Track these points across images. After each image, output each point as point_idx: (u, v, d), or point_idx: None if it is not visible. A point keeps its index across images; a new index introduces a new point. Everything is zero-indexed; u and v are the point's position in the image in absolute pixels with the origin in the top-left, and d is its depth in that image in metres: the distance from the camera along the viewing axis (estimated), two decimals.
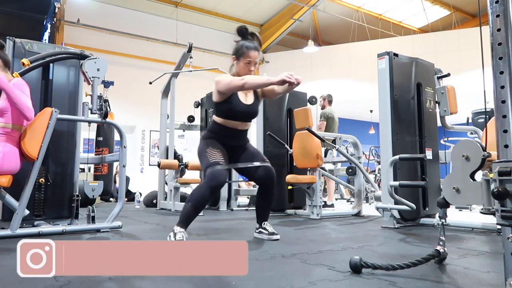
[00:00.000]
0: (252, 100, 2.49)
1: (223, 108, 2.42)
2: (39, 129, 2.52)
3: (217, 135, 2.45)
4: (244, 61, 2.44)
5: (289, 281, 1.39)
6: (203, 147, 2.39)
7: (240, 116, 2.44)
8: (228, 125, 2.43)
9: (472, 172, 1.38)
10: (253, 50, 2.44)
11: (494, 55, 1.18)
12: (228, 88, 2.32)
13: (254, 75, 2.40)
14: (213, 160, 2.28)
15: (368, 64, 8.27)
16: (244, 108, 2.43)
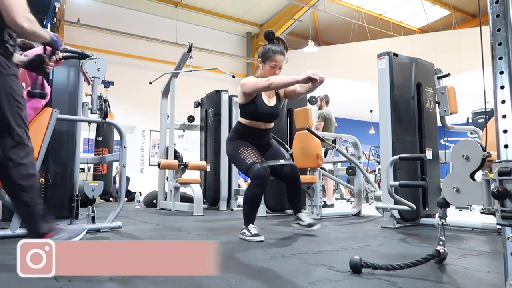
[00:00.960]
0: (275, 101, 2.63)
1: (248, 109, 2.55)
2: (39, 129, 2.52)
3: (242, 135, 2.58)
4: (269, 65, 2.55)
5: (289, 281, 1.39)
6: (234, 149, 2.54)
7: (264, 117, 2.57)
8: (252, 125, 2.57)
9: (472, 172, 1.38)
10: (279, 54, 2.56)
11: (494, 55, 1.18)
12: (254, 89, 2.43)
13: (279, 76, 2.51)
14: (251, 160, 2.44)
15: (368, 64, 8.28)
16: (268, 109, 2.56)
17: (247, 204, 2.47)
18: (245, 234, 2.39)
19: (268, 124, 2.63)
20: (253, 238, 2.34)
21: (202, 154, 5.82)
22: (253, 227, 2.41)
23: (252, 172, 2.40)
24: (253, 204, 2.47)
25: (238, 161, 2.53)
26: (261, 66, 2.60)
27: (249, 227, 2.41)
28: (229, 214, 4.49)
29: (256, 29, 12.28)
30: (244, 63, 12.45)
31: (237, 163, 2.57)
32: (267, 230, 2.98)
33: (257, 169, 2.39)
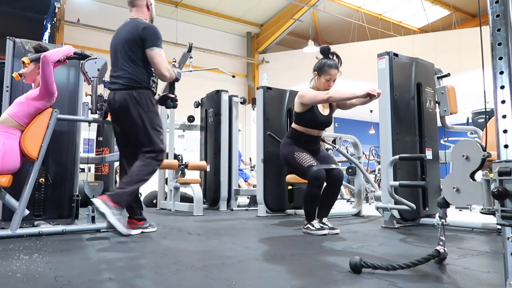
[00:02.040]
0: (329, 111, 2.89)
1: (305, 118, 2.80)
2: (39, 129, 2.52)
3: (297, 141, 2.84)
4: (325, 78, 2.77)
5: (289, 281, 1.39)
6: (290, 154, 2.79)
7: (318, 125, 2.83)
8: (307, 132, 2.83)
9: (472, 172, 1.38)
10: (333, 69, 2.77)
11: (494, 55, 1.18)
12: (313, 102, 2.70)
13: (338, 89, 2.69)
14: (308, 163, 2.68)
15: (368, 64, 8.27)
16: (323, 118, 2.82)
17: (308, 203, 2.71)
18: (310, 229, 2.65)
19: (320, 132, 2.88)
20: (318, 232, 2.61)
21: (202, 154, 5.82)
22: (316, 222, 2.68)
23: (310, 174, 2.63)
24: (313, 203, 2.71)
25: (294, 165, 2.77)
26: (316, 79, 2.82)
27: (313, 223, 2.68)
28: (229, 214, 4.49)
29: (256, 29, 12.28)
30: (244, 63, 12.44)
31: (292, 167, 2.81)
32: (267, 230, 2.98)
33: (315, 171, 2.62)
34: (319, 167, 2.68)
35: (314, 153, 2.86)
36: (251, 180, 6.97)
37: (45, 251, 2.00)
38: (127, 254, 1.93)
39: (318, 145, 2.94)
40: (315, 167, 2.66)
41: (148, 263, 1.70)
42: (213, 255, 1.90)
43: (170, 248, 2.10)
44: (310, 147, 2.85)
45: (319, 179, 2.64)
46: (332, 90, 2.71)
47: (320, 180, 2.64)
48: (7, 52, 2.90)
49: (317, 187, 2.66)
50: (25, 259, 1.81)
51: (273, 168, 4.42)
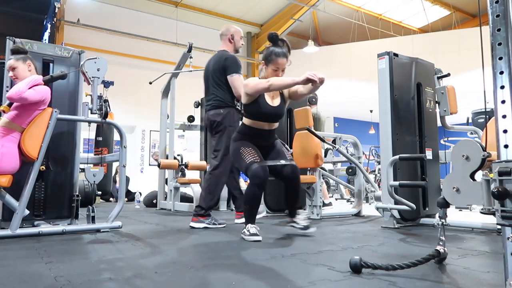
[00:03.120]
0: (279, 102, 2.65)
1: (251, 109, 2.58)
2: (39, 129, 2.52)
3: (246, 136, 2.62)
4: (272, 67, 2.57)
5: (289, 281, 1.39)
6: (236, 149, 2.58)
7: (267, 117, 2.59)
8: (255, 126, 2.60)
9: (472, 172, 1.38)
10: (281, 57, 2.57)
11: (494, 55, 1.17)
12: (255, 90, 2.46)
13: (279, 77, 2.53)
14: (250, 160, 2.48)
15: (368, 64, 8.29)
16: (271, 109, 2.58)
17: (246, 204, 2.49)
18: (245, 234, 2.42)
19: (272, 125, 2.65)
20: (250, 237, 2.37)
21: (202, 154, 5.82)
22: (252, 227, 2.44)
23: (250, 171, 2.43)
24: (252, 204, 2.48)
25: (238, 161, 2.56)
26: (264, 69, 2.62)
27: (248, 227, 2.44)
28: (229, 214, 4.49)
29: (256, 29, 12.28)
30: (244, 63, 12.44)
31: (237, 163, 2.60)
32: (267, 230, 2.98)
33: (255, 169, 2.42)
34: (262, 163, 2.48)
35: (268, 149, 2.68)
36: None
37: (45, 251, 2.00)
38: (127, 254, 1.93)
39: (271, 140, 2.72)
40: (256, 163, 2.45)
41: (148, 263, 1.70)
42: (213, 255, 1.90)
43: (170, 248, 2.10)
44: (261, 142, 2.65)
45: (258, 177, 2.41)
46: (273, 78, 2.47)
47: (260, 178, 2.41)
48: (7, 52, 2.90)
49: (256, 186, 2.43)
50: (25, 259, 1.80)
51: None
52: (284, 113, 2.70)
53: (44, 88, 2.59)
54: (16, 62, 2.66)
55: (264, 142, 2.67)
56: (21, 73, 2.66)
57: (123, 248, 2.13)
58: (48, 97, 2.61)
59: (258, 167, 2.43)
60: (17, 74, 2.66)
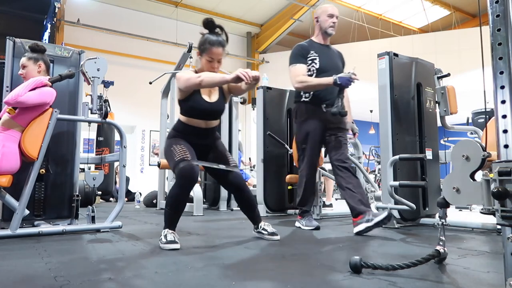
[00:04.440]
0: (217, 97, 2.39)
1: (185, 106, 2.33)
2: (39, 129, 2.52)
3: (182, 134, 2.36)
4: (206, 58, 2.32)
5: (289, 281, 1.39)
6: (168, 147, 2.31)
7: (203, 114, 2.34)
8: (191, 123, 2.35)
9: (472, 172, 1.38)
10: (216, 46, 2.30)
11: (494, 55, 1.17)
12: (186, 86, 2.22)
13: (210, 73, 2.27)
14: (179, 157, 2.19)
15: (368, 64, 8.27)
16: (207, 106, 2.33)
17: (167, 206, 2.20)
18: (161, 241, 2.11)
19: (209, 123, 2.38)
20: (166, 245, 2.06)
21: None
22: (170, 233, 2.13)
23: (177, 170, 2.16)
24: (173, 207, 2.19)
25: (169, 160, 2.28)
26: (199, 59, 2.36)
27: (165, 232, 2.14)
28: (229, 214, 4.49)
29: (256, 29, 12.28)
30: (244, 63, 12.45)
31: (169, 162, 2.30)
32: None
33: (182, 167, 2.14)
34: (193, 162, 2.18)
35: (207, 149, 2.43)
36: (251, 180, 6.97)
37: (45, 251, 2.00)
38: (127, 254, 1.93)
39: (210, 139, 2.44)
40: (186, 162, 2.16)
41: (148, 263, 1.70)
42: (213, 255, 1.90)
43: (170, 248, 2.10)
44: (198, 141, 2.37)
45: (185, 178, 2.14)
46: (204, 73, 2.22)
47: (187, 179, 2.14)
48: (7, 52, 2.90)
49: (180, 187, 2.16)
50: (25, 259, 1.81)
51: (273, 168, 4.42)
52: (224, 109, 2.44)
53: (49, 91, 2.58)
54: (28, 61, 2.68)
55: (202, 141, 2.40)
56: (29, 73, 2.66)
57: (123, 248, 2.13)
58: (52, 100, 2.60)
59: (186, 166, 2.14)
60: (26, 74, 2.66)
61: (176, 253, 1.96)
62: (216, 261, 1.75)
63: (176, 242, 2.08)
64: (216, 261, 1.74)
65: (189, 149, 2.28)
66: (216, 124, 2.44)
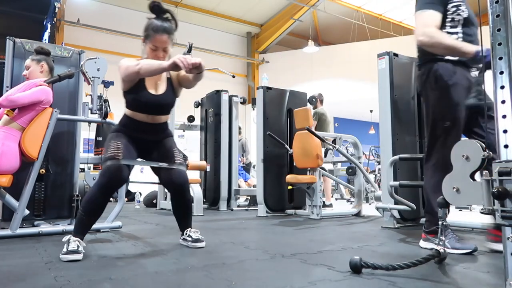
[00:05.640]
0: (164, 89, 2.16)
1: (129, 98, 2.11)
2: (39, 129, 2.52)
3: (126, 129, 2.14)
4: (150, 46, 2.07)
5: (289, 281, 1.39)
6: (108, 142, 2.10)
7: (148, 108, 2.11)
8: (136, 117, 2.12)
9: (472, 172, 1.38)
10: (160, 33, 2.05)
11: (494, 55, 1.17)
12: (126, 75, 1.99)
13: (149, 60, 2.00)
14: (109, 154, 1.97)
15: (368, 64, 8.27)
16: (152, 99, 2.10)
17: (82, 209, 1.92)
18: (62, 251, 1.80)
19: (157, 117, 2.16)
20: (65, 256, 1.76)
21: (202, 154, 5.82)
22: (74, 240, 1.85)
23: (103, 167, 1.94)
24: (88, 211, 1.92)
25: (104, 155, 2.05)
26: (144, 47, 2.12)
27: (69, 239, 1.85)
28: (229, 214, 4.49)
29: (256, 29, 12.28)
30: (244, 63, 12.45)
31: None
32: (267, 230, 2.98)
33: (107, 166, 1.91)
34: (122, 162, 1.94)
35: (152, 147, 2.19)
36: (251, 180, 6.97)
37: (45, 251, 2.00)
38: (127, 254, 1.93)
39: (158, 136, 2.20)
40: (115, 160, 1.92)
41: (148, 263, 1.70)
42: (213, 255, 1.90)
43: (170, 248, 2.10)
44: (144, 138, 2.16)
45: (107, 177, 1.90)
46: (143, 61, 1.98)
47: (110, 179, 1.90)
48: (7, 52, 2.90)
49: (101, 188, 1.91)
50: (25, 259, 1.80)
51: (273, 168, 4.42)
52: (173, 103, 2.20)
53: (41, 88, 2.57)
54: (31, 62, 2.70)
55: (148, 137, 2.17)
56: (32, 74, 2.68)
57: (123, 248, 2.13)
58: (47, 97, 2.60)
59: (114, 165, 1.91)
60: (29, 74, 2.68)
61: (176, 253, 1.96)
62: (216, 261, 1.75)
63: (79, 252, 1.79)
64: (216, 261, 1.74)
65: (126, 148, 2.05)
66: (165, 120, 2.22)
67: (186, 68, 1.84)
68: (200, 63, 1.86)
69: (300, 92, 4.91)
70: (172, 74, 2.23)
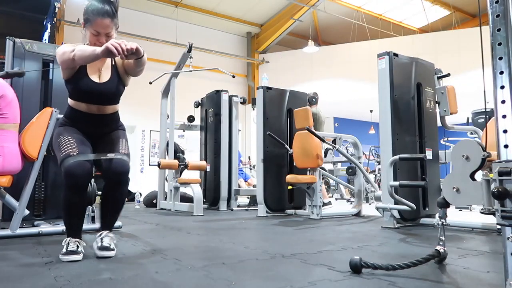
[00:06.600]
0: (109, 77, 2.00)
1: (70, 87, 1.97)
2: (39, 129, 2.52)
3: (71, 121, 2.02)
4: (91, 31, 1.90)
5: (289, 281, 1.39)
6: (56, 138, 1.98)
7: (91, 97, 1.96)
8: (80, 108, 1.99)
9: (472, 172, 1.38)
10: (101, 17, 1.87)
11: (494, 55, 1.18)
12: (62, 61, 1.86)
13: (84, 46, 1.85)
14: (64, 152, 1.86)
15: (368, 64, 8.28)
16: (94, 87, 1.95)
17: (63, 212, 1.91)
18: (61, 251, 1.81)
19: (103, 108, 2.01)
20: (65, 257, 1.76)
21: (202, 154, 5.82)
22: (73, 241, 1.84)
23: (63, 168, 1.84)
24: (67, 212, 1.89)
25: (56, 154, 1.94)
26: (85, 32, 1.95)
27: (68, 241, 1.85)
28: (229, 214, 4.49)
29: (256, 29, 12.28)
30: (244, 63, 12.44)
31: (56, 156, 1.95)
32: (267, 230, 2.98)
33: (68, 165, 1.81)
34: (79, 158, 1.84)
35: (100, 139, 2.06)
36: (251, 180, 6.97)
37: (45, 251, 2.00)
38: (127, 254, 1.93)
39: (105, 128, 2.07)
40: (71, 158, 1.83)
41: (148, 263, 1.70)
42: (213, 255, 1.90)
43: (170, 248, 2.10)
44: (92, 130, 2.04)
45: (71, 176, 1.80)
46: (79, 46, 1.83)
47: (73, 177, 1.80)
48: (7, 52, 2.91)
49: (70, 188, 1.83)
50: (25, 259, 1.80)
51: (273, 168, 4.42)
52: (119, 91, 2.03)
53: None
54: None
55: (93, 129, 2.05)
56: None
57: (123, 248, 2.13)
58: (1, 89, 2.48)
59: (73, 163, 1.82)
60: None
61: (176, 253, 1.96)
62: (216, 261, 1.75)
63: (78, 252, 1.79)
64: (216, 261, 1.74)
65: (79, 141, 1.95)
66: (112, 111, 2.07)
67: (121, 54, 1.69)
68: (137, 47, 1.72)
69: (300, 92, 4.91)
70: (117, 61, 2.06)
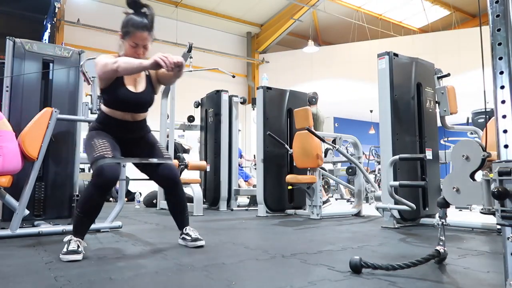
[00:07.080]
0: (144, 87, 2.13)
1: (107, 96, 2.07)
2: (39, 129, 2.52)
3: (104, 126, 2.13)
4: (130, 43, 2.04)
5: (289, 281, 1.39)
6: (89, 140, 2.09)
7: (128, 106, 2.09)
8: (115, 116, 2.10)
9: (472, 172, 1.38)
10: (140, 31, 2.01)
11: (494, 55, 1.18)
12: (103, 72, 1.96)
13: (128, 58, 1.98)
14: (99, 153, 1.94)
15: (368, 64, 8.27)
16: (132, 96, 2.07)
17: (78, 208, 1.91)
18: (62, 251, 1.79)
19: (136, 115, 2.14)
20: (65, 256, 1.75)
21: (202, 154, 5.82)
22: (75, 241, 1.84)
23: (95, 167, 1.90)
24: (86, 211, 1.90)
25: (88, 154, 2.03)
26: (122, 44, 2.08)
27: (69, 239, 1.86)
28: (229, 214, 4.49)
29: (256, 29, 12.28)
30: (244, 63, 12.45)
31: (87, 157, 2.04)
32: (267, 230, 2.98)
33: (101, 166, 1.87)
34: (113, 161, 1.92)
35: (134, 144, 2.19)
36: (251, 180, 6.97)
37: (45, 251, 2.00)
38: (127, 254, 1.93)
39: (139, 133, 2.20)
40: (104, 160, 1.90)
41: (148, 263, 1.70)
42: (213, 255, 1.90)
43: (170, 248, 2.10)
44: (125, 135, 2.15)
45: (101, 177, 1.86)
46: (121, 58, 1.95)
47: (104, 178, 1.86)
48: (7, 52, 2.90)
49: (96, 188, 1.88)
50: (25, 259, 1.80)
51: (273, 168, 4.42)
52: (152, 100, 2.16)
53: None
54: None
55: (129, 135, 2.17)
56: None
57: (123, 248, 2.13)
58: None
59: (106, 164, 1.88)
60: None
61: (176, 253, 1.96)
62: (216, 261, 1.75)
63: (79, 252, 1.78)
64: (216, 261, 1.74)
65: (112, 145, 2.04)
66: (144, 117, 2.21)
67: (168, 67, 1.82)
68: (182, 62, 1.85)
69: (300, 92, 4.91)
70: (151, 71, 2.19)
